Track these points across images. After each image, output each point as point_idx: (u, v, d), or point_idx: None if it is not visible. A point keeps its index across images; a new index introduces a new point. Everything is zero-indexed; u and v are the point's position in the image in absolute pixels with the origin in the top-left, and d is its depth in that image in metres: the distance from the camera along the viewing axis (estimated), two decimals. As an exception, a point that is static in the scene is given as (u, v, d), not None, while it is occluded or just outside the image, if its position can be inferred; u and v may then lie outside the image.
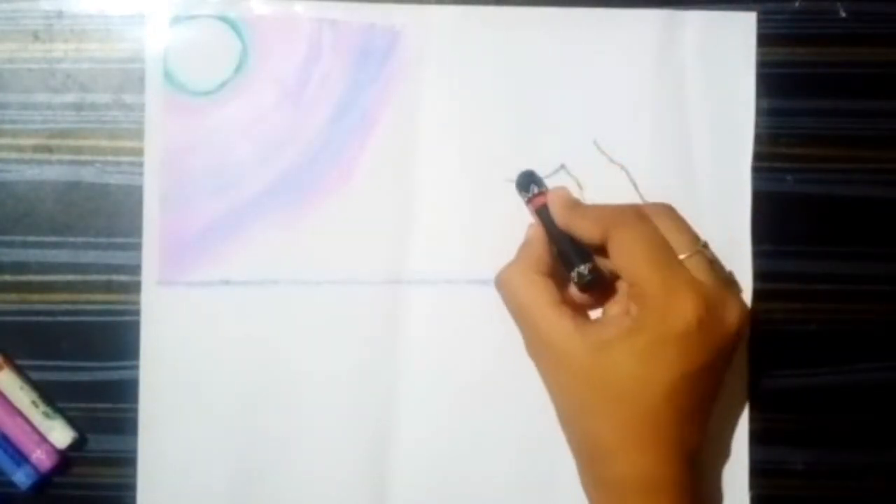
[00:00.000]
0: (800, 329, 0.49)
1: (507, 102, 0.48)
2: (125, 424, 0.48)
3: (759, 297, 0.48)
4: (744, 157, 0.49)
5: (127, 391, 0.48)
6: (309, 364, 0.48)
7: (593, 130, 0.48)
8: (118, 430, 0.48)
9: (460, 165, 0.48)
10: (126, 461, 0.47)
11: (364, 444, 0.48)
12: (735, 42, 0.49)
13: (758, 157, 0.49)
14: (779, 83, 0.49)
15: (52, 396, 0.48)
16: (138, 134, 0.48)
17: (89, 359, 0.48)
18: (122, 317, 0.48)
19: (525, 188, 0.47)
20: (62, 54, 0.48)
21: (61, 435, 0.47)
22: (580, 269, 0.44)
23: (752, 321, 0.48)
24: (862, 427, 0.49)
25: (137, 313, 0.48)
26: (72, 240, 0.48)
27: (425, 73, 0.48)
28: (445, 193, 0.48)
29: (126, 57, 0.48)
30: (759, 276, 0.48)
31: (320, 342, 0.48)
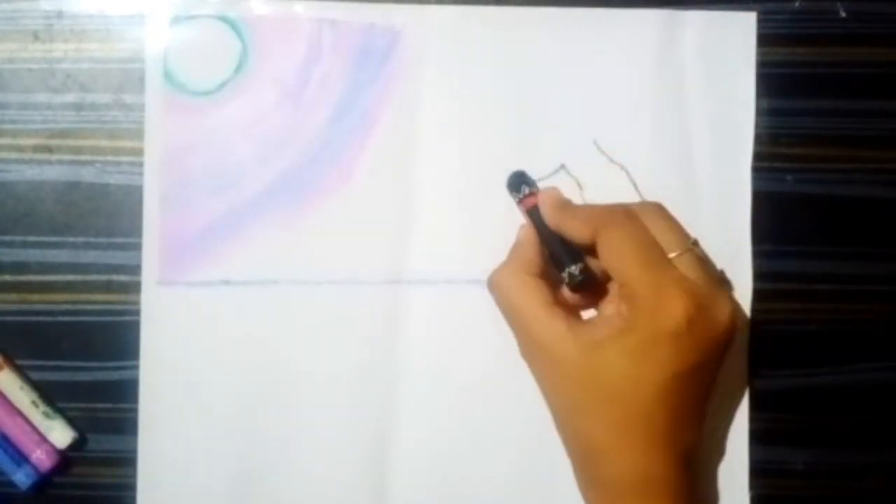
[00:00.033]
0: (800, 329, 0.49)
1: (507, 102, 0.48)
2: (125, 424, 0.48)
3: (759, 297, 0.48)
4: (744, 157, 0.49)
5: (127, 391, 0.48)
6: (309, 364, 0.48)
7: (593, 130, 0.48)
8: (118, 430, 0.48)
9: (460, 165, 0.48)
10: (126, 461, 0.47)
11: (364, 444, 0.48)
12: (735, 42, 0.49)
13: (758, 157, 0.49)
14: (779, 83, 0.49)
15: (52, 396, 0.48)
16: (138, 134, 0.48)
17: (89, 359, 0.48)
18: (122, 317, 0.48)
19: (516, 189, 0.46)
20: (62, 54, 0.48)
21: (61, 435, 0.47)
22: (571, 270, 0.44)
23: (752, 321, 0.48)
24: (862, 427, 0.49)
25: (137, 313, 0.48)
26: (72, 240, 0.48)
27: (425, 73, 0.48)
28: (445, 193, 0.48)
29: (126, 57, 0.48)
30: (759, 276, 0.48)
31: (320, 342, 0.48)
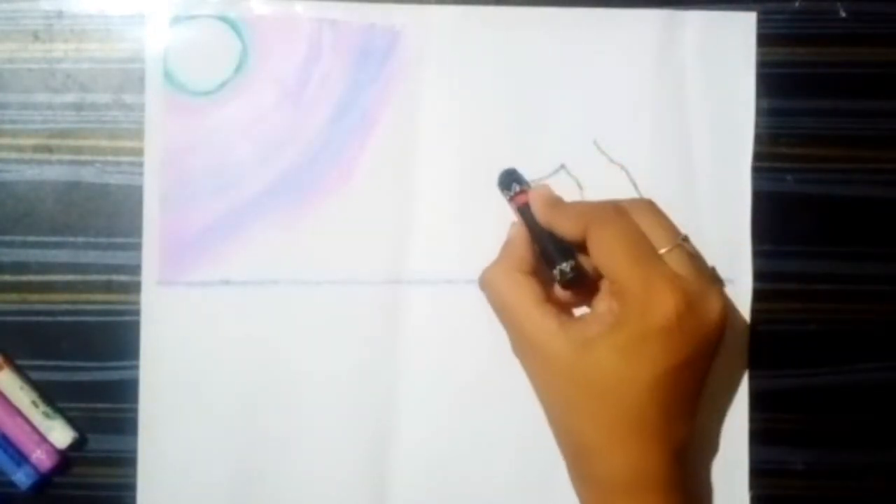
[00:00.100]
0: (800, 329, 0.49)
1: (507, 102, 0.48)
2: (125, 424, 0.48)
3: (759, 297, 0.48)
4: (744, 157, 0.49)
5: (127, 391, 0.48)
6: (309, 364, 0.48)
7: (593, 130, 0.48)
8: (118, 430, 0.48)
9: (460, 165, 0.48)
10: (126, 461, 0.47)
11: (364, 444, 0.48)
12: (735, 42, 0.49)
13: (758, 157, 0.49)
14: (779, 83, 0.49)
15: (52, 396, 0.48)
16: (138, 134, 0.48)
17: (89, 359, 0.48)
18: (122, 317, 0.48)
19: (507, 186, 0.46)
20: (62, 54, 0.48)
21: (61, 435, 0.47)
22: (562, 267, 0.43)
23: (752, 321, 0.48)
24: (862, 427, 0.49)
25: (137, 313, 0.48)
26: (72, 240, 0.48)
27: (425, 73, 0.48)
28: (445, 193, 0.48)
29: (126, 57, 0.48)
30: (759, 276, 0.48)
31: (320, 342, 0.48)
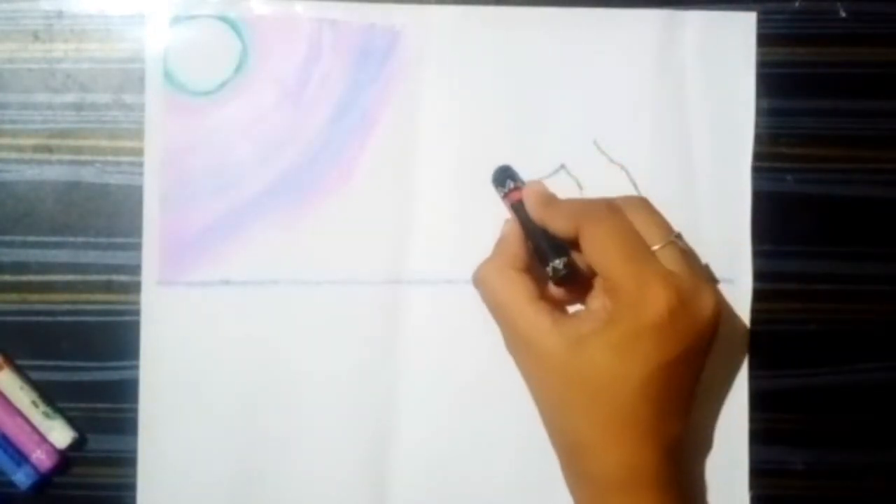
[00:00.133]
0: (800, 329, 0.49)
1: (507, 103, 0.48)
2: (125, 424, 0.48)
3: (759, 297, 0.48)
4: (744, 157, 0.49)
5: (127, 391, 0.48)
6: (309, 364, 0.48)
7: (593, 130, 0.48)
8: (118, 430, 0.48)
9: (460, 165, 0.48)
10: (126, 461, 0.47)
11: (364, 444, 0.48)
12: (735, 42, 0.49)
13: (758, 157, 0.49)
14: (779, 83, 0.49)
15: (52, 396, 0.48)
16: (138, 134, 0.48)
17: (89, 359, 0.48)
18: (122, 317, 0.48)
19: (501, 183, 0.46)
20: (62, 54, 0.48)
21: (61, 435, 0.47)
22: (555, 264, 0.43)
23: (752, 321, 0.48)
24: (862, 427, 0.49)
25: (137, 313, 0.48)
26: (72, 240, 0.48)
27: (425, 73, 0.48)
28: (445, 193, 0.48)
29: (126, 57, 0.48)
30: (759, 276, 0.48)
31: (320, 342, 0.48)
